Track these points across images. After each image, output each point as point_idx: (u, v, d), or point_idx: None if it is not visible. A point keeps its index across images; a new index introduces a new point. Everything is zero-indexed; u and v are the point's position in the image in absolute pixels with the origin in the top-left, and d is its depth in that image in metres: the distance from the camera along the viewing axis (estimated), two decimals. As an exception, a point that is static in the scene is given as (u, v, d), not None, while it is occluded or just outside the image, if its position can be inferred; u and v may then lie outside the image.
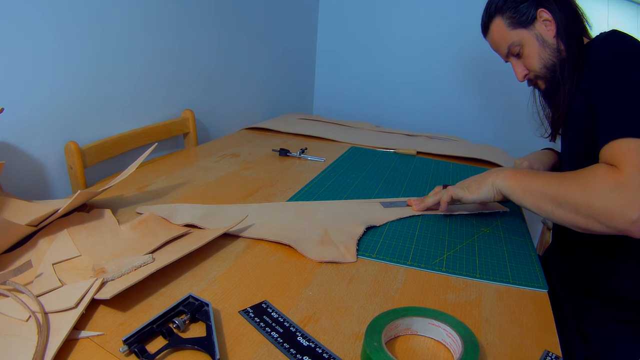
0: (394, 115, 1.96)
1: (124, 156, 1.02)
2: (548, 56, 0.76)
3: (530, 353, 0.46)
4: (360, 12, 1.92)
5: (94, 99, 0.94)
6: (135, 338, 0.42)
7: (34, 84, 0.81)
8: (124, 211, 0.72)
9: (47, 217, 0.59)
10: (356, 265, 0.60)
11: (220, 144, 1.17)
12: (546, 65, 0.77)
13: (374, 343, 0.41)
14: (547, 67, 0.77)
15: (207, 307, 0.46)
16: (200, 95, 1.29)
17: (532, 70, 0.79)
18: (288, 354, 0.42)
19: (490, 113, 1.85)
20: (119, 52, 0.98)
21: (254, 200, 0.80)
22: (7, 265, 0.53)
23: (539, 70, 0.78)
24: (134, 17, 1.00)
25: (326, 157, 1.09)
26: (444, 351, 0.45)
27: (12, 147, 0.81)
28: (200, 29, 1.22)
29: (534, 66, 0.78)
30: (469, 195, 0.73)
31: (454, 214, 0.79)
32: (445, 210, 0.77)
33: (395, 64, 1.93)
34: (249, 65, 1.51)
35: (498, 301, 0.54)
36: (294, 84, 1.90)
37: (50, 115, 0.86)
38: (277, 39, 1.65)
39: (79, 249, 0.57)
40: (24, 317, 0.43)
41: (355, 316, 0.49)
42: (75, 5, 0.86)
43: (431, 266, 0.61)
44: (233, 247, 0.62)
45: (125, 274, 0.51)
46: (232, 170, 0.95)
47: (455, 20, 1.78)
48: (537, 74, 0.80)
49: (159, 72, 1.11)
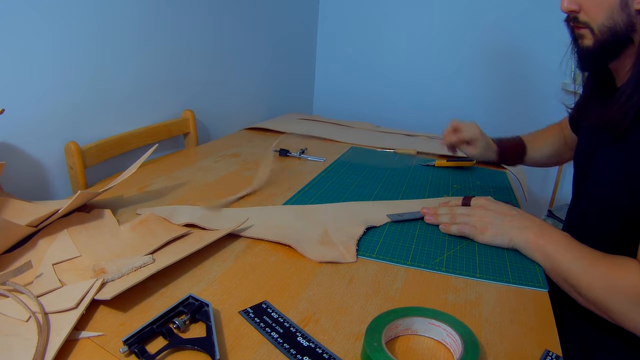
0: (395, 115, 1.96)
1: (124, 156, 1.02)
2: (620, 20, 0.59)
3: (531, 353, 0.46)
4: (360, 12, 1.92)
5: (94, 99, 0.94)
6: (135, 338, 0.42)
7: (34, 84, 0.82)
8: (124, 211, 0.72)
9: (47, 218, 0.59)
10: (356, 265, 0.60)
11: (220, 144, 1.17)
12: (611, 26, 0.59)
13: (374, 343, 0.41)
14: (613, 30, 0.60)
15: (207, 307, 0.46)
16: (201, 95, 1.29)
17: (589, 16, 0.61)
18: (288, 354, 0.42)
19: (494, 113, 1.85)
20: (119, 52, 0.98)
21: (254, 201, 0.80)
22: (7, 266, 0.53)
23: (598, 25, 0.60)
24: (134, 17, 1.00)
25: (326, 157, 1.09)
26: (444, 351, 0.45)
27: (12, 147, 0.81)
28: (200, 29, 1.22)
29: (595, 15, 0.60)
30: (480, 239, 0.68)
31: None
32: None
33: (396, 64, 1.93)
34: (249, 65, 1.51)
35: (498, 301, 0.54)
36: (294, 84, 1.90)
37: (51, 115, 0.86)
38: (277, 38, 1.65)
39: (79, 249, 0.57)
40: (24, 318, 0.43)
41: (355, 316, 0.49)
42: (76, 5, 0.86)
43: (431, 266, 0.61)
44: (233, 247, 0.62)
45: (125, 275, 0.51)
46: (232, 170, 0.95)
47: (458, 19, 1.78)
48: (590, 25, 0.61)
49: (159, 72, 1.11)
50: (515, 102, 1.83)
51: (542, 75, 1.75)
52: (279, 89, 1.76)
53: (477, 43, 1.77)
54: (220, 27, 1.31)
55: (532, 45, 1.72)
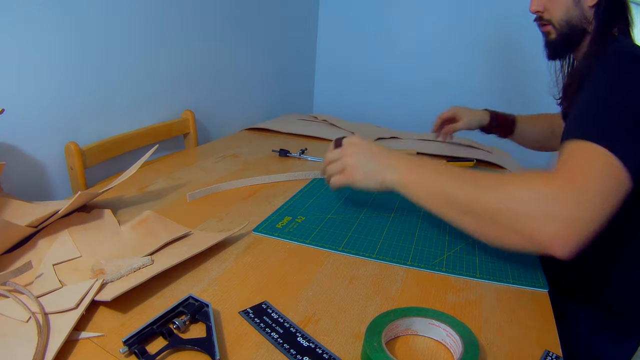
0: (395, 115, 1.96)
1: (124, 157, 1.02)
2: (575, 15, 0.71)
3: (531, 353, 0.46)
4: (361, 12, 1.92)
5: (94, 100, 0.94)
6: (135, 339, 0.42)
7: (34, 84, 0.82)
8: (124, 211, 0.72)
9: (48, 218, 0.59)
10: (356, 266, 0.60)
11: (220, 144, 1.17)
12: (569, 21, 0.71)
13: (374, 343, 0.41)
14: (570, 23, 0.71)
15: (207, 307, 0.46)
16: (201, 95, 1.29)
17: (551, 15, 0.73)
18: (288, 354, 0.42)
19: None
20: (119, 52, 0.98)
21: (253, 201, 0.80)
22: (8, 266, 0.53)
23: (557, 21, 0.72)
24: (135, 18, 1.00)
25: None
26: (444, 351, 0.45)
27: (12, 147, 0.81)
28: (200, 30, 1.22)
29: (555, 13, 0.72)
30: (353, 186, 0.63)
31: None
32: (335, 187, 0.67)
33: (396, 64, 1.93)
34: (249, 65, 1.51)
35: (498, 301, 0.54)
36: (294, 84, 1.90)
37: (51, 115, 0.86)
38: (277, 39, 1.65)
39: (80, 249, 0.57)
40: (24, 318, 0.43)
41: (355, 316, 0.49)
42: (76, 5, 0.86)
43: (431, 266, 0.61)
44: (233, 248, 0.62)
45: (124, 276, 0.51)
46: (232, 171, 0.95)
47: (459, 18, 1.77)
48: (552, 21, 0.73)
49: (159, 72, 1.11)
50: (517, 103, 1.83)
51: (543, 76, 1.74)
52: (279, 89, 1.75)
53: (477, 43, 1.77)
54: (220, 27, 1.31)
55: (532, 45, 1.71)
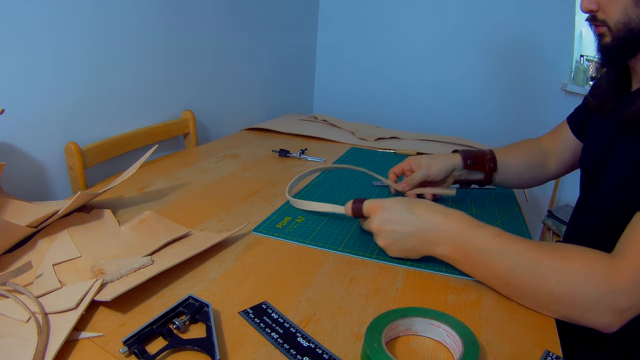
0: (395, 116, 1.96)
1: (124, 157, 1.02)
2: (635, 17, 0.60)
3: (531, 353, 0.46)
4: (361, 12, 1.92)
5: (94, 100, 0.94)
6: (135, 339, 0.42)
7: (34, 84, 0.82)
8: (124, 212, 0.72)
9: (48, 218, 0.59)
10: (356, 266, 0.60)
11: (220, 144, 1.17)
12: (626, 22, 0.60)
13: (374, 344, 0.41)
14: (628, 26, 0.60)
15: (207, 308, 0.46)
16: (200, 95, 1.29)
17: (606, 15, 0.63)
18: (288, 354, 0.42)
19: (495, 113, 1.85)
20: (119, 52, 0.98)
21: (253, 201, 0.80)
22: (7, 266, 0.53)
23: (614, 22, 0.62)
24: (135, 17, 1.00)
25: (326, 158, 1.09)
26: (444, 351, 0.45)
27: (12, 147, 0.81)
28: (200, 30, 1.22)
29: (611, 12, 0.61)
30: (388, 252, 0.62)
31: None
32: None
33: (396, 64, 1.93)
34: (249, 65, 1.51)
35: (498, 301, 0.54)
36: (294, 83, 1.90)
37: (51, 115, 0.86)
38: (277, 39, 1.65)
39: (80, 249, 0.57)
40: (24, 318, 0.43)
41: (355, 317, 0.49)
42: (76, 5, 0.86)
43: (431, 266, 0.61)
44: (233, 248, 0.62)
45: (124, 276, 0.51)
46: (232, 171, 0.95)
47: (460, 17, 1.78)
48: (607, 22, 0.63)
49: (159, 72, 1.11)
50: (518, 103, 1.83)
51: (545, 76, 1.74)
52: (279, 89, 1.76)
53: (477, 43, 1.77)
54: (220, 27, 1.31)
55: (534, 45, 1.72)
